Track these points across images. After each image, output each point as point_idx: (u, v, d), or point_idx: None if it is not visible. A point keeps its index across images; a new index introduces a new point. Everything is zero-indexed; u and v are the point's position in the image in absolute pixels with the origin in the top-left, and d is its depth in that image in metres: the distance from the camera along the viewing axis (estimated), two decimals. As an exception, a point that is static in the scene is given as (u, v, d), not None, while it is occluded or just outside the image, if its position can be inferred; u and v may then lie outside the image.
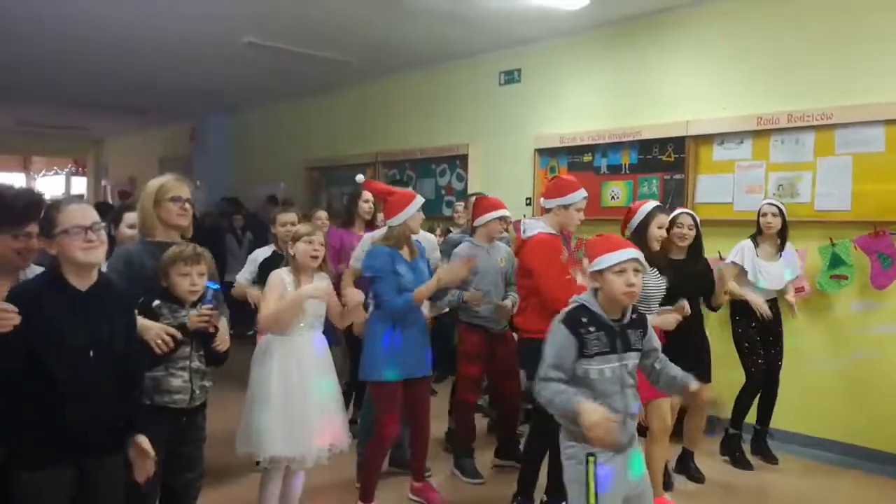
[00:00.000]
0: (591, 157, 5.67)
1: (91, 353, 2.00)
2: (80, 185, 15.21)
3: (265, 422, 2.81)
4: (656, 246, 3.40)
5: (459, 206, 6.07)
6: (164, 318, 2.38)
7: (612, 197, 5.52)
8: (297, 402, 2.84)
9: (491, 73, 6.39)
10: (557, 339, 2.18)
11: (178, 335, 2.35)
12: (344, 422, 3.04)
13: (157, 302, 2.39)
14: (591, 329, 2.15)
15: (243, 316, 4.20)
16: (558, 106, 5.89)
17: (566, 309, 2.24)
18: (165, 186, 2.66)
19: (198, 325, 2.39)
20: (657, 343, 2.33)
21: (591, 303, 2.22)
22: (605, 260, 2.19)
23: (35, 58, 6.92)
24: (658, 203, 3.59)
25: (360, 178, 3.76)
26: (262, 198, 8.61)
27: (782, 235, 4.03)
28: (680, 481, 3.84)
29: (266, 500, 2.96)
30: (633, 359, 2.22)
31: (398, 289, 3.18)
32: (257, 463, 2.99)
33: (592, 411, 2.03)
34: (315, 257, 2.96)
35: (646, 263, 2.31)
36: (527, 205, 6.03)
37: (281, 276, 2.97)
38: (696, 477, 3.86)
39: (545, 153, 5.96)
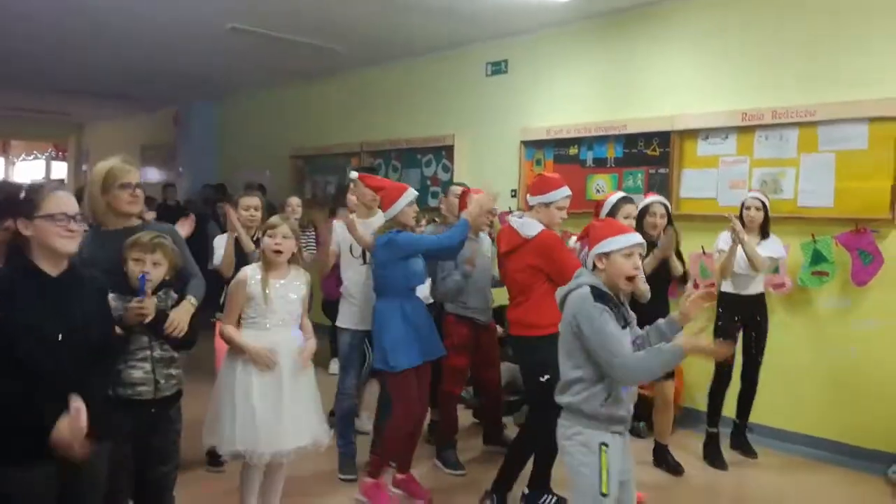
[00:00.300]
0: (576, 150, 5.66)
1: (66, 341, 1.95)
2: (60, 170, 14.99)
3: (230, 415, 2.75)
4: None
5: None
6: (114, 311, 2.29)
7: (598, 190, 5.51)
8: (268, 397, 2.76)
9: (478, 64, 6.35)
10: (606, 318, 2.17)
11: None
12: (321, 418, 2.96)
13: (111, 294, 2.30)
14: (611, 307, 2.21)
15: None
16: (545, 98, 5.87)
17: (587, 291, 2.22)
18: (113, 172, 2.54)
19: (133, 319, 2.31)
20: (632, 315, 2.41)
21: (599, 284, 2.26)
22: (616, 242, 2.25)
23: (14, 42, 6.77)
24: (625, 194, 3.66)
25: (353, 174, 3.73)
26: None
27: (764, 229, 4.04)
28: (658, 475, 3.87)
29: (247, 492, 2.93)
30: (630, 336, 2.29)
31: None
32: (217, 458, 2.94)
33: (694, 340, 2.18)
34: (278, 252, 2.85)
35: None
36: (512, 196, 6.01)
37: (245, 274, 2.87)
38: (675, 469, 3.89)
39: (531, 145, 5.94)
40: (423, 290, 4.25)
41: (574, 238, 3.05)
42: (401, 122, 7.06)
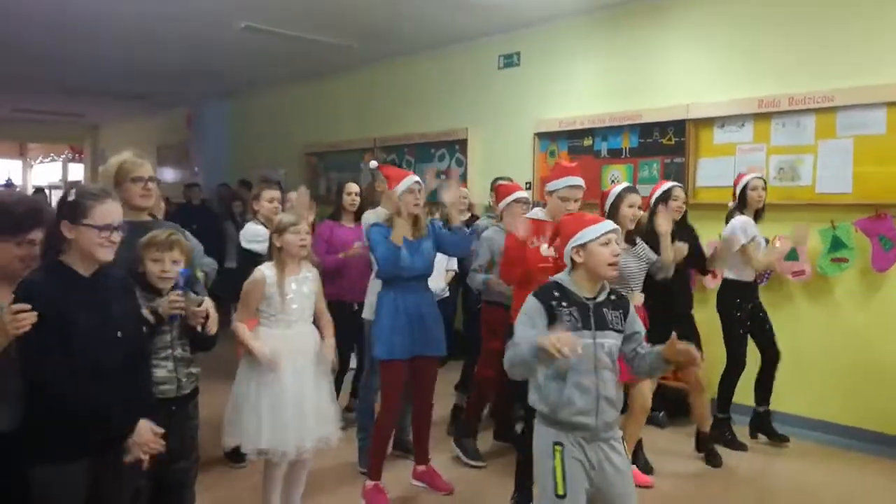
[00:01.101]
0: (591, 141, 5.64)
1: (105, 336, 2.00)
2: (77, 171, 15.15)
3: (253, 413, 2.77)
4: (630, 225, 3.43)
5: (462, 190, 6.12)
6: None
7: (613, 181, 5.49)
8: (287, 394, 2.79)
9: (490, 57, 6.34)
10: (526, 308, 2.20)
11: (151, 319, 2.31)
12: (336, 413, 2.99)
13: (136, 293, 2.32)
14: (564, 304, 2.16)
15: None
16: (558, 90, 5.85)
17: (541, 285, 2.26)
18: (125, 166, 2.55)
19: (170, 311, 2.33)
20: (640, 327, 2.29)
21: (564, 280, 2.24)
22: (590, 233, 2.21)
23: (30, 44, 6.85)
24: (628, 184, 3.65)
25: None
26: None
27: (761, 211, 4.06)
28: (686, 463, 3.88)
29: (270, 488, 2.94)
30: (610, 339, 2.19)
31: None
32: (239, 455, 2.97)
33: (551, 335, 1.95)
34: (303, 246, 2.92)
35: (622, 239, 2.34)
36: (527, 188, 6.00)
37: (263, 274, 2.88)
38: (714, 461, 3.86)
39: (545, 137, 5.94)
40: (439, 283, 4.31)
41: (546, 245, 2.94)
42: (414, 117, 7.08)
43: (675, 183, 3.97)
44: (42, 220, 2.12)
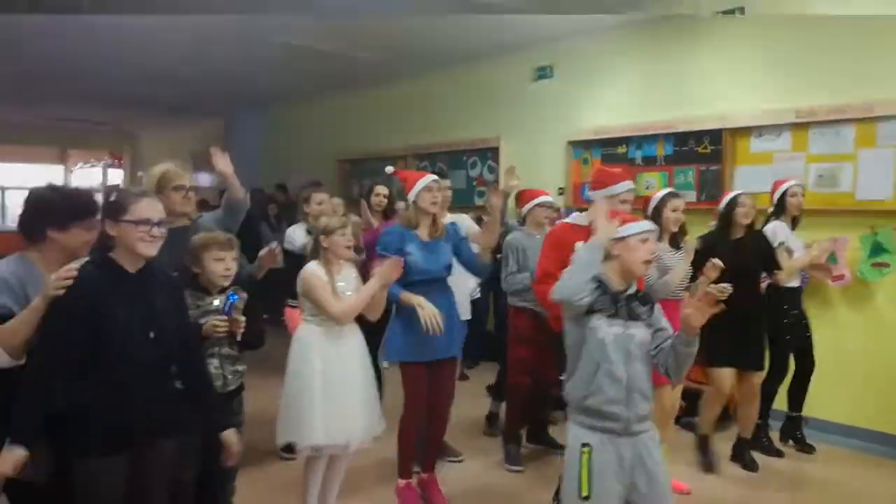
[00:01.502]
0: (625, 149, 5.67)
1: (144, 333, 2.05)
2: (116, 177, 15.48)
3: (306, 411, 2.81)
4: (673, 228, 3.48)
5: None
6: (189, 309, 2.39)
7: (648, 187, 5.50)
8: (337, 389, 2.84)
9: (524, 70, 6.42)
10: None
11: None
12: (378, 406, 3.06)
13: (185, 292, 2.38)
14: (597, 289, 2.22)
15: (278, 302, 4.14)
16: (592, 100, 5.90)
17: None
18: (168, 175, 2.71)
19: (212, 333, 2.41)
20: (666, 324, 2.30)
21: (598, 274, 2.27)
22: (632, 228, 2.28)
23: (71, 54, 7.00)
24: (671, 189, 3.67)
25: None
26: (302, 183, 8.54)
27: (798, 217, 4.08)
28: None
29: (310, 483, 2.98)
30: (639, 330, 2.22)
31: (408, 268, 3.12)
32: (290, 450, 3.05)
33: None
34: (349, 248, 2.99)
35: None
36: (559, 194, 6.03)
37: (316, 271, 2.93)
38: (751, 466, 3.85)
39: (578, 145, 5.99)
40: (469, 284, 4.25)
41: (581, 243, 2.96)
42: (447, 127, 7.18)
43: (742, 192, 3.93)
44: (97, 207, 2.23)
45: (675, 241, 3.52)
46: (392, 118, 7.91)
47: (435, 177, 3.28)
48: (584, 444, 2.16)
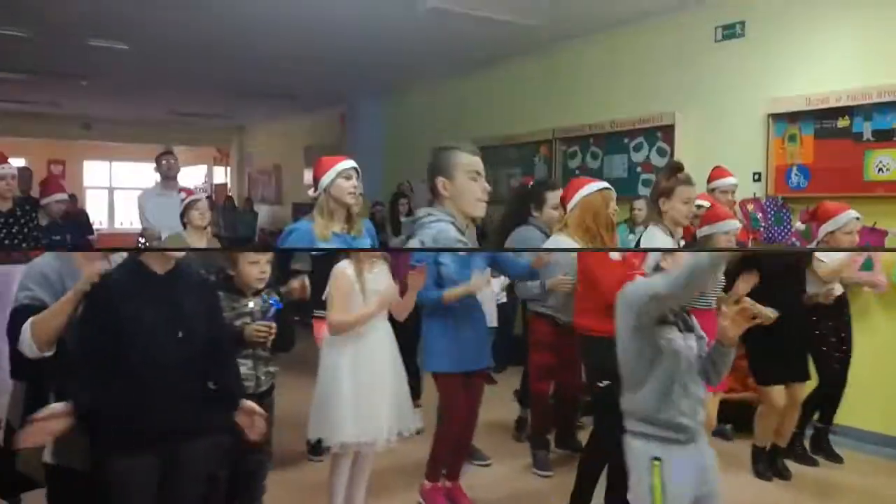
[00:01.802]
0: (848, 122, 4.68)
1: (172, 334, 2.08)
2: (220, 174, 15.50)
3: (337, 409, 2.84)
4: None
5: (638, 202, 5.54)
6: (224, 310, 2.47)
7: (880, 169, 4.53)
8: (367, 388, 2.89)
9: (705, 30, 5.48)
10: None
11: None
12: (411, 406, 3.10)
13: (219, 293, 2.47)
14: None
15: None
16: (797, 62, 4.93)
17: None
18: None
19: (253, 338, 2.51)
20: (702, 333, 2.36)
21: None
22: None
23: (184, 44, 6.81)
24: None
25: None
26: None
27: None
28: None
29: (336, 483, 3.00)
30: (694, 342, 2.28)
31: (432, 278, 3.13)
32: (319, 448, 3.14)
33: None
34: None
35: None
36: (755, 181, 5.13)
37: (346, 270, 2.92)
38: (784, 474, 3.89)
39: (782, 118, 5.01)
40: (496, 286, 4.34)
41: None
42: (604, 103, 6.32)
43: None
44: None
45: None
46: (535, 97, 7.10)
47: (349, 163, 3.16)
48: (654, 458, 2.18)
